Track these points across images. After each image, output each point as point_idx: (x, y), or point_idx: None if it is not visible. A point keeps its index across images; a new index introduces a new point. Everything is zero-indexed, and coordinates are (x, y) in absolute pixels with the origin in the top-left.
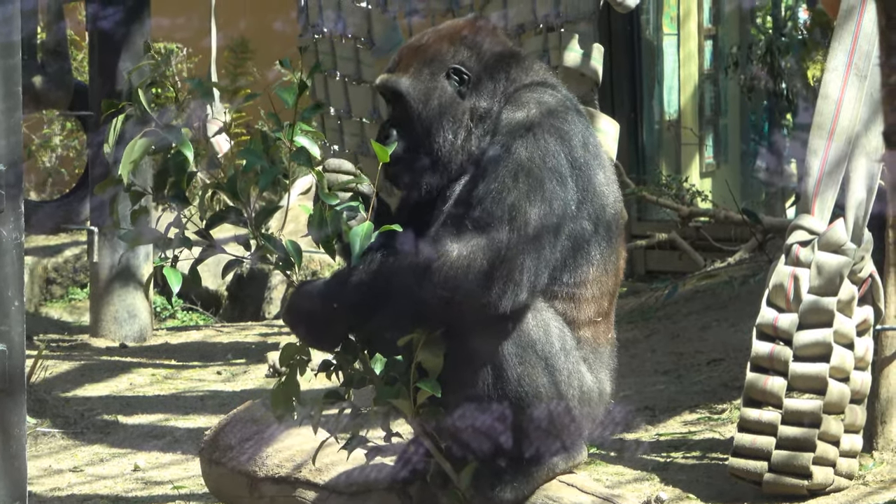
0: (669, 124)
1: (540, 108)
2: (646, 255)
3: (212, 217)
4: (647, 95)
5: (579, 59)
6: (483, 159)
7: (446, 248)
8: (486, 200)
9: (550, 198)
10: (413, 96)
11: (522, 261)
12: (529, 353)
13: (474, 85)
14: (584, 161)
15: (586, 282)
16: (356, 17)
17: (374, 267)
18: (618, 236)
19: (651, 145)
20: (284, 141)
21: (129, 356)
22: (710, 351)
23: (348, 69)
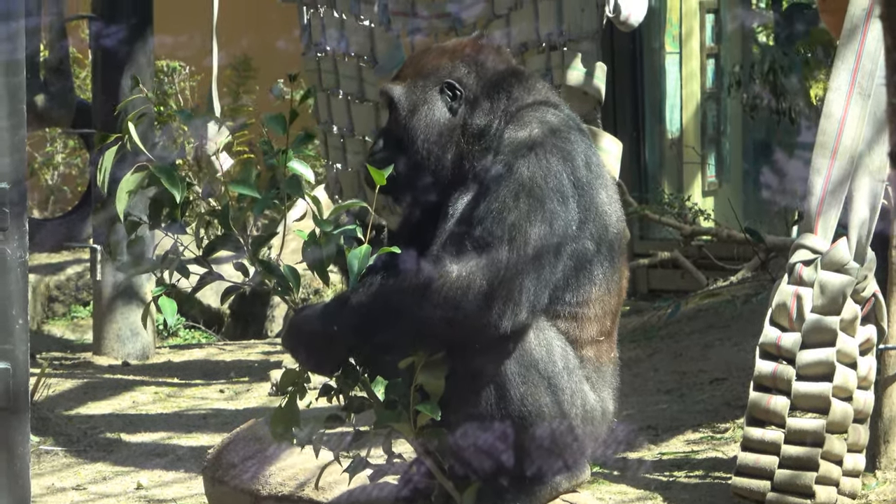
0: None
1: (542, 127)
2: (648, 274)
3: (208, 244)
4: (649, 114)
5: (582, 78)
6: (485, 178)
7: (446, 268)
8: (487, 220)
9: (551, 217)
10: (402, 104)
11: (522, 281)
12: (532, 372)
13: (469, 102)
14: (586, 180)
15: (589, 301)
16: (359, 36)
17: (373, 289)
18: (620, 255)
19: (653, 164)
20: (279, 167)
21: (131, 374)
22: (712, 370)
23: (351, 87)
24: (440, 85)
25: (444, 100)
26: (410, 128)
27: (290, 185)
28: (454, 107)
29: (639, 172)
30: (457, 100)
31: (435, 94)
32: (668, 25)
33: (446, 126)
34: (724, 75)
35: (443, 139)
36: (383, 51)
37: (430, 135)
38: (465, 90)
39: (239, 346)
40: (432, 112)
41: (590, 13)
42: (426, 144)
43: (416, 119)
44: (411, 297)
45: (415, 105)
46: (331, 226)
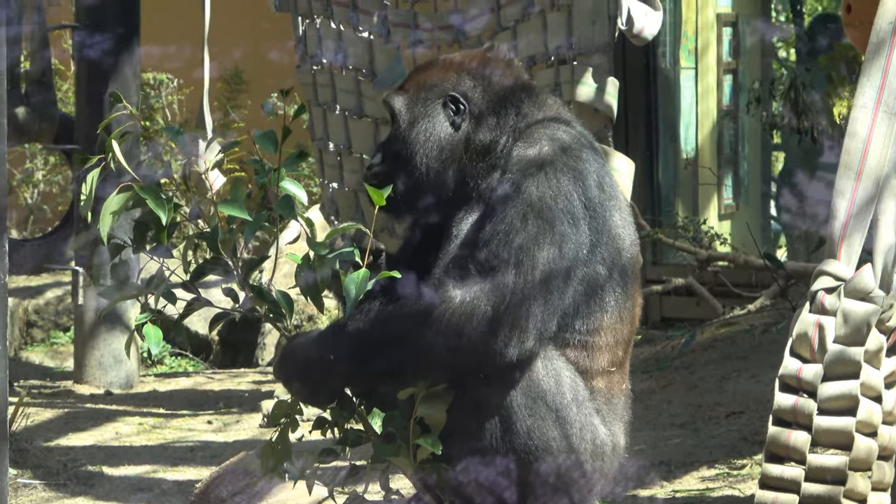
0: (687, 163)
1: (553, 144)
2: (661, 302)
3: (196, 269)
4: (663, 132)
5: (593, 94)
6: (491, 197)
7: (449, 293)
8: (493, 242)
9: (561, 240)
10: (402, 116)
11: (529, 307)
12: (539, 404)
13: (475, 117)
14: (598, 202)
15: (600, 329)
16: (357, 48)
17: (372, 315)
18: (634, 281)
19: (667, 185)
20: (270, 187)
21: (114, 404)
22: (729, 403)
23: (349, 102)
24: (443, 98)
25: (447, 114)
26: (410, 141)
27: (282, 206)
28: (457, 121)
29: (652, 194)
30: (460, 114)
31: (437, 108)
32: (684, 39)
33: (447, 141)
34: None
35: (443, 155)
36: (383, 64)
37: (430, 150)
38: (469, 104)
39: (228, 375)
40: (432, 126)
41: (601, 26)
42: (425, 160)
43: (415, 132)
44: (412, 324)
45: (415, 118)
46: (326, 248)
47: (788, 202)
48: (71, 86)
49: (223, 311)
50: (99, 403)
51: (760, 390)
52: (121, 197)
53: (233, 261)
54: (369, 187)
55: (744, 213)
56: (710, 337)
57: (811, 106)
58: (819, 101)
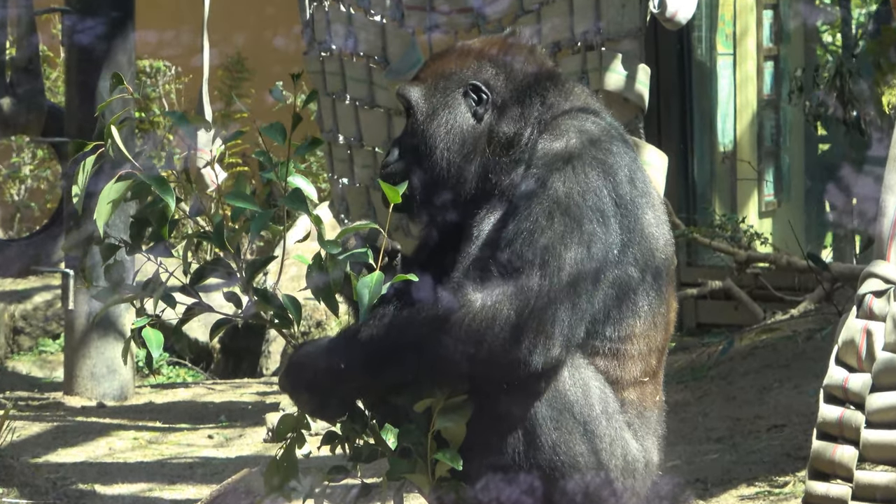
0: (724, 157)
1: (581, 137)
2: (697, 306)
3: (197, 270)
4: (698, 124)
5: (622, 82)
6: (514, 194)
7: (469, 297)
8: (516, 242)
9: (590, 240)
10: (420, 108)
11: (555, 311)
12: (566, 416)
13: (497, 107)
14: (630, 198)
15: (632, 336)
16: (369, 33)
17: (386, 321)
18: (668, 285)
19: (703, 180)
20: (277, 182)
21: (107, 417)
22: (770, 416)
23: (360, 92)
24: (464, 87)
25: (469, 104)
26: (429, 135)
27: (292, 199)
28: (479, 112)
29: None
30: (482, 104)
31: (458, 98)
32: (721, 23)
33: (470, 134)
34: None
35: (465, 148)
36: (396, 50)
37: (451, 143)
38: (492, 94)
39: (230, 386)
40: (454, 117)
41: (631, 9)
42: (446, 154)
43: (435, 125)
44: (429, 331)
45: (434, 109)
46: (338, 247)
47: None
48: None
49: (225, 316)
50: (91, 416)
51: (804, 402)
52: (120, 185)
53: (236, 262)
54: (384, 184)
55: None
56: (750, 344)
57: (858, 95)
58: (867, 89)
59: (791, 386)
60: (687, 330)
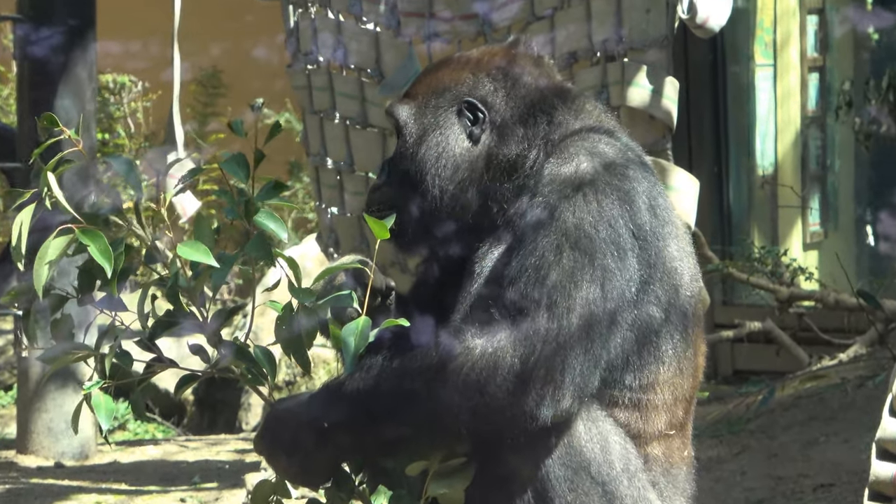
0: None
1: (593, 160)
2: (733, 350)
3: (155, 324)
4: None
5: (648, 98)
6: (518, 225)
7: (468, 342)
8: (521, 280)
9: (603, 276)
10: (409, 128)
11: (565, 357)
12: (582, 476)
13: (497, 127)
14: (650, 229)
15: (655, 384)
16: (361, 43)
17: (375, 372)
18: (696, 326)
19: (740, 208)
20: (243, 223)
21: (67, 478)
22: (816, 474)
23: (350, 109)
24: (458, 105)
25: (463, 124)
26: (418, 159)
27: (255, 246)
28: (475, 133)
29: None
30: (479, 124)
31: (450, 117)
32: (759, 30)
33: (464, 157)
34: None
35: (459, 174)
36: (392, 62)
37: (443, 168)
38: (489, 112)
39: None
40: (445, 139)
41: (657, 14)
42: (437, 180)
43: (425, 147)
44: (423, 382)
45: (425, 129)
46: (311, 295)
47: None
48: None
49: (191, 372)
50: (48, 478)
51: (854, 458)
52: (59, 241)
53: (200, 311)
54: (368, 217)
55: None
56: (794, 393)
57: None
58: None
59: (840, 440)
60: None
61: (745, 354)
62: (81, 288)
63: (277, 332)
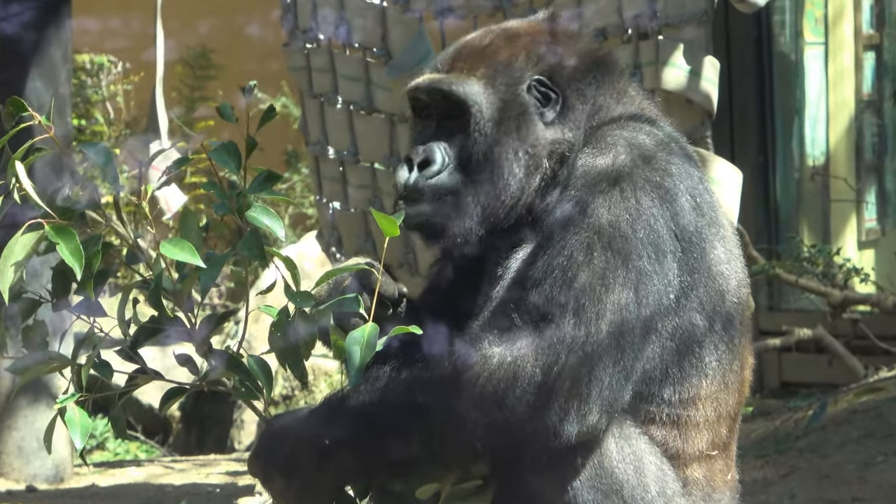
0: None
1: (632, 152)
2: (781, 361)
3: (137, 331)
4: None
5: (685, 80)
6: (547, 222)
7: (486, 351)
8: (546, 281)
9: (638, 280)
10: (484, 110)
11: (592, 368)
12: (614, 500)
13: (562, 109)
14: (694, 229)
15: (697, 399)
16: (366, 19)
17: (382, 384)
18: (742, 335)
19: (788, 203)
20: (235, 218)
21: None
22: (872, 498)
23: (354, 93)
24: (527, 82)
25: (535, 105)
26: (494, 143)
27: (247, 245)
28: (546, 115)
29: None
30: (550, 105)
31: (524, 96)
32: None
33: (537, 142)
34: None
35: (531, 161)
36: (400, 40)
37: (522, 155)
38: (560, 92)
39: (193, 464)
40: (525, 121)
41: None
42: (515, 169)
43: (503, 130)
44: (435, 395)
45: (501, 112)
46: (310, 300)
47: None
48: None
49: (178, 385)
50: (18, 502)
51: None
52: (27, 239)
53: (188, 317)
54: (377, 214)
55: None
56: (848, 408)
57: None
58: None
59: None
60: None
61: (793, 365)
62: (56, 291)
63: (272, 341)
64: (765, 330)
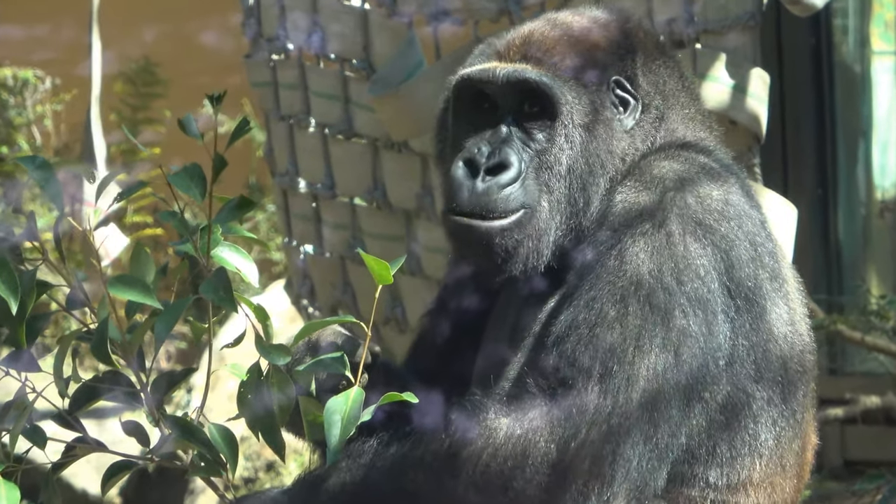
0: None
1: (683, 189)
2: (843, 434)
3: (77, 391)
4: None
5: (727, 97)
6: (574, 265)
7: (490, 422)
8: (569, 339)
9: (680, 342)
10: (575, 111)
11: (617, 446)
12: None
13: (640, 119)
14: (753, 283)
15: (749, 484)
16: (344, 25)
17: (365, 461)
18: (806, 410)
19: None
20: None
21: None
22: None
23: (330, 114)
24: (607, 82)
25: (614, 108)
26: (583, 152)
27: (211, 287)
28: (625, 123)
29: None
30: (630, 111)
31: (607, 99)
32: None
33: (618, 157)
34: None
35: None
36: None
37: (611, 170)
38: (640, 97)
39: None
40: (609, 130)
41: None
42: (601, 181)
43: (591, 138)
44: (430, 473)
45: (593, 115)
46: (287, 355)
47: None
48: None
49: (125, 458)
50: None
51: None
52: None
53: (139, 376)
54: (367, 256)
55: None
56: None
57: None
58: None
59: None
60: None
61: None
62: None
63: (241, 405)
64: (825, 398)
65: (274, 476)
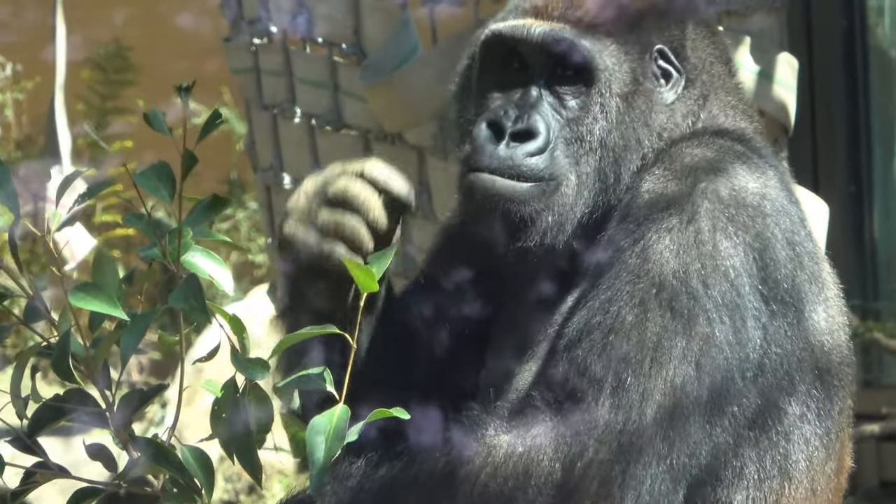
0: None
1: (716, 181)
2: (880, 452)
3: (37, 413)
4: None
5: (752, 84)
6: (589, 263)
7: (489, 439)
8: (580, 346)
9: (702, 352)
10: (614, 79)
11: (627, 465)
12: None
13: (683, 93)
14: (789, 286)
15: None
16: (332, 7)
17: (353, 483)
18: (842, 429)
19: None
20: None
21: None
22: None
23: (317, 103)
24: (649, 52)
25: (655, 79)
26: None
27: (181, 296)
28: (666, 97)
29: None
30: (671, 84)
31: (649, 66)
32: None
33: (656, 132)
34: None
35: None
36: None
37: (647, 146)
38: (685, 71)
39: None
40: (650, 102)
41: None
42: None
43: (629, 110)
44: (423, 494)
45: (633, 84)
46: (265, 370)
47: None
48: None
49: (91, 485)
50: None
51: None
52: None
53: (104, 394)
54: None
55: None
56: None
57: None
58: None
59: None
60: (864, 492)
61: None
62: None
63: (215, 424)
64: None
65: (256, 499)
